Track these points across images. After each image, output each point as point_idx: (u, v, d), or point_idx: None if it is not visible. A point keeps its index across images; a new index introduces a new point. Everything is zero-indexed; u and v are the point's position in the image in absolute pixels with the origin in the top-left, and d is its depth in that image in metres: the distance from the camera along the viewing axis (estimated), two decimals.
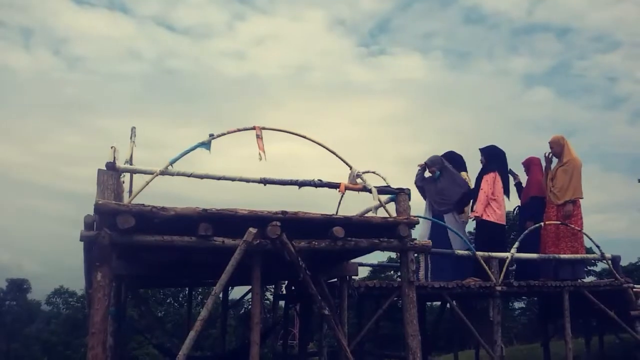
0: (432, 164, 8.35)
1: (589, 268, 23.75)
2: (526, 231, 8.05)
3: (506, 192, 8.66)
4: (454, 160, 8.67)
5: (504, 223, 8.65)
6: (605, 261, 8.69)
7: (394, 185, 6.10)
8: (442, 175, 8.21)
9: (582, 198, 8.50)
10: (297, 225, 5.23)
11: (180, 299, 30.20)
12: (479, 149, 8.91)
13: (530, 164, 9.10)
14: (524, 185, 9.20)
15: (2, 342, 39.12)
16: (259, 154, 5.52)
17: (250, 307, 11.02)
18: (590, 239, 8.74)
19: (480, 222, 8.35)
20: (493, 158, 8.68)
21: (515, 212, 11.00)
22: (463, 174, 8.56)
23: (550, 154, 8.71)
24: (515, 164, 9.29)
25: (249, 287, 7.95)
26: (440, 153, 8.70)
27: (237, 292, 12.51)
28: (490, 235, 8.16)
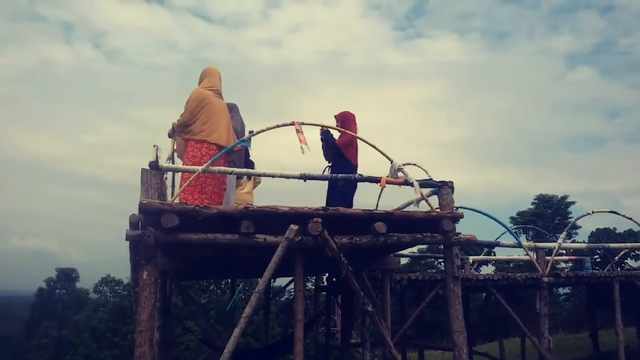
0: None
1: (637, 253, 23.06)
2: None
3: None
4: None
5: None
6: None
7: (434, 176, 5.97)
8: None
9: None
10: (338, 221, 5.21)
11: (222, 286, 30.63)
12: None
13: (345, 119, 7.61)
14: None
15: (53, 329, 40.62)
16: (301, 147, 5.49)
17: (291, 296, 11.06)
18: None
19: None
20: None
21: None
22: None
23: None
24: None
25: (290, 278, 7.98)
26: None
27: (279, 280, 12.66)
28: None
